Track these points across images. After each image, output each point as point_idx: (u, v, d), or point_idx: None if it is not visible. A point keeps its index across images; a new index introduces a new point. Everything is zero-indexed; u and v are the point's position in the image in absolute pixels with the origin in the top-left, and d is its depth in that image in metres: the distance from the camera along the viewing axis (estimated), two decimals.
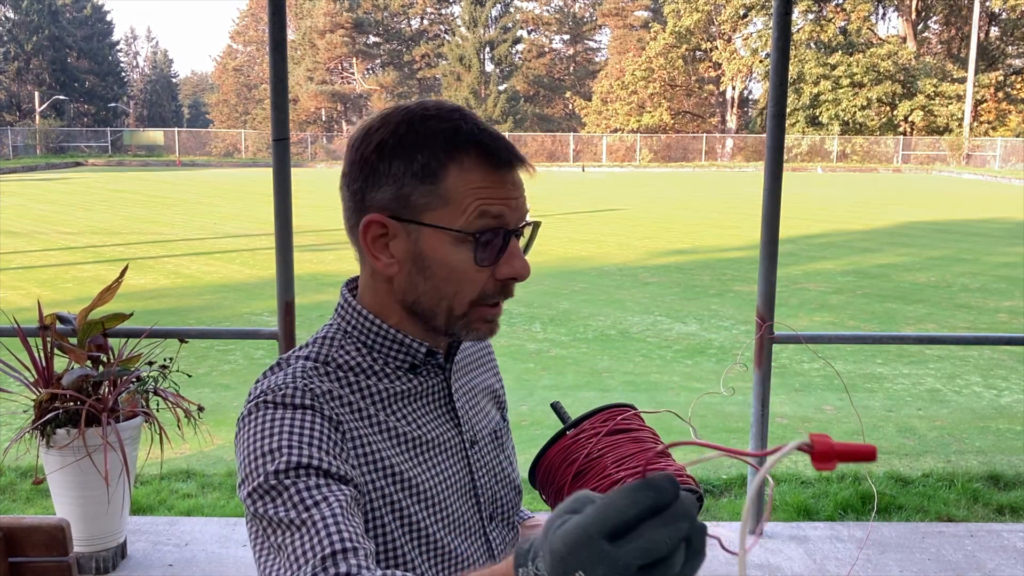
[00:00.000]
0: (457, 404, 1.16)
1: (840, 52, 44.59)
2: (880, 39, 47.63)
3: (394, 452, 1.06)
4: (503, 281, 1.05)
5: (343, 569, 0.86)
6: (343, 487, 0.95)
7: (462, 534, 1.11)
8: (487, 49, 55.30)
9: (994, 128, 43.42)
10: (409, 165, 1.01)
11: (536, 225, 1.08)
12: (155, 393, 3.40)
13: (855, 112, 44.32)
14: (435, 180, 1.01)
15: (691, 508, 0.64)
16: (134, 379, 3.34)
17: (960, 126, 43.02)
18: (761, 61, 47.55)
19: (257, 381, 1.07)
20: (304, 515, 0.90)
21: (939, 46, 51.84)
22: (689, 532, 0.64)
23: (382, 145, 1.03)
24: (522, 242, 1.07)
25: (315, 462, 0.95)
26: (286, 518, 0.90)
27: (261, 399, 1.02)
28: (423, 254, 1.03)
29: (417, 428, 1.10)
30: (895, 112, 44.61)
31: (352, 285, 1.16)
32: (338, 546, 0.88)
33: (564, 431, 1.17)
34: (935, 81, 43.83)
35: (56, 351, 3.33)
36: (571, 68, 63.04)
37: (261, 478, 0.93)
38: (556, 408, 1.27)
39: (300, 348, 1.11)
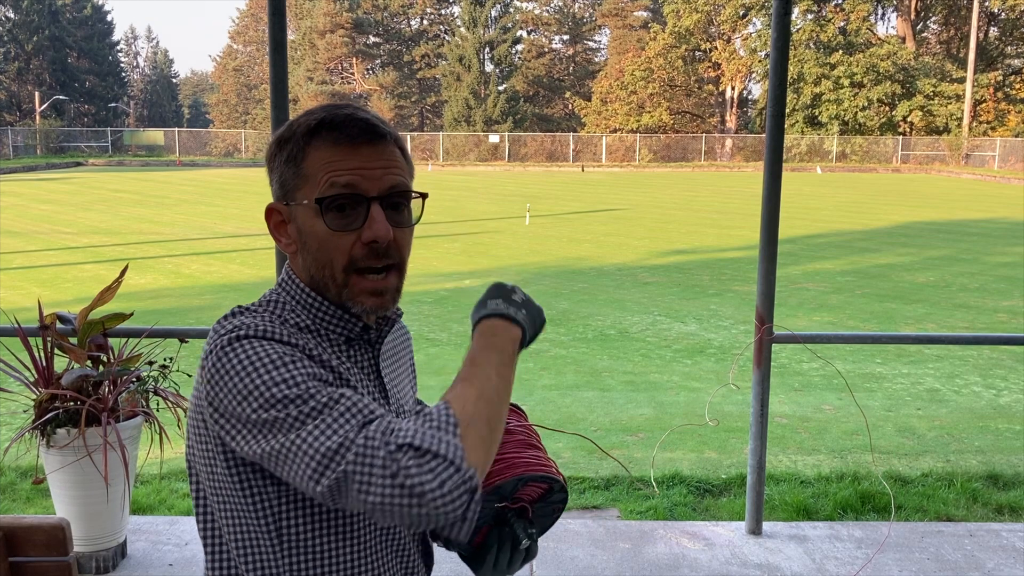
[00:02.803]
0: (385, 379, 1.24)
1: (840, 52, 44.60)
2: (879, 39, 47.62)
3: None
4: (368, 245, 1.12)
5: (381, 426, 0.97)
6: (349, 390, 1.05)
7: None
8: (487, 49, 55.26)
9: (993, 128, 43.42)
10: (282, 155, 1.14)
11: (423, 196, 1.17)
12: (155, 393, 3.41)
13: (855, 112, 44.33)
14: (298, 163, 1.12)
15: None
16: (134, 379, 3.34)
17: (959, 126, 43.02)
18: (760, 61, 47.54)
19: (219, 326, 1.09)
20: (334, 397, 1.00)
21: (938, 46, 51.84)
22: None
23: (273, 144, 1.17)
24: (416, 212, 1.17)
25: (321, 375, 1.04)
26: (316, 405, 0.99)
27: (242, 333, 1.05)
28: (302, 230, 1.14)
29: None
30: (894, 112, 44.62)
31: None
32: (370, 415, 1.00)
33: None
34: (934, 81, 43.84)
35: (56, 351, 3.33)
36: (571, 68, 63.02)
37: (280, 390, 1.00)
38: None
39: (249, 306, 1.16)
